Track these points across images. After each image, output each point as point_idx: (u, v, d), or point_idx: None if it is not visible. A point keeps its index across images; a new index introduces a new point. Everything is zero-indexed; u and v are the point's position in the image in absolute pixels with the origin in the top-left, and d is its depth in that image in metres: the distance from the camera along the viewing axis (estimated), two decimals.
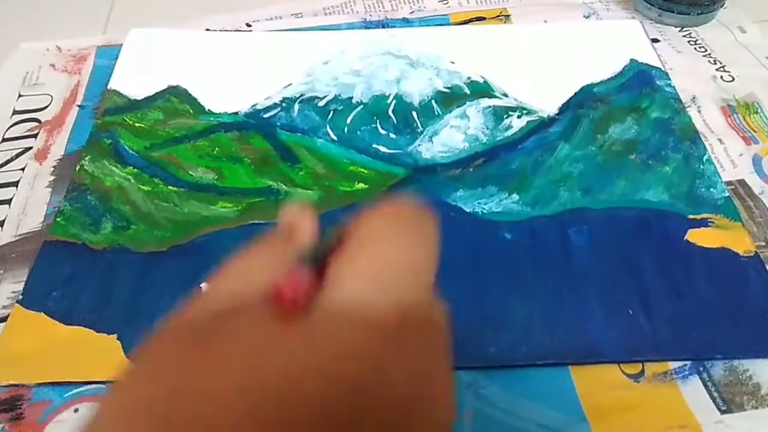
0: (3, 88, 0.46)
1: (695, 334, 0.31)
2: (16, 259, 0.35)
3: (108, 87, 0.45)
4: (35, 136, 0.43)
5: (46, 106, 0.45)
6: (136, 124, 0.43)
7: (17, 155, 0.41)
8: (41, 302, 0.33)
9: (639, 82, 0.45)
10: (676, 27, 0.50)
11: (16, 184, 0.40)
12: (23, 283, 0.34)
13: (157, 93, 0.45)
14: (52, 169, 0.40)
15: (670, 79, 0.45)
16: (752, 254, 0.34)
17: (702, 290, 0.33)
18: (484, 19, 0.52)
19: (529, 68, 0.46)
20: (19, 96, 0.46)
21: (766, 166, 0.39)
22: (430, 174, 0.39)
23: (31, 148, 0.42)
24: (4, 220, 0.38)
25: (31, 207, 0.38)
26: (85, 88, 0.46)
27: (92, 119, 0.43)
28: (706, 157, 0.40)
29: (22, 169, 0.40)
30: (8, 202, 0.39)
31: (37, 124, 0.44)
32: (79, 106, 0.45)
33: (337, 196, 0.38)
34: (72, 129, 0.43)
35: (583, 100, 0.44)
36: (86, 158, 0.40)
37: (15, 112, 0.44)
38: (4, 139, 0.43)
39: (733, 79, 0.46)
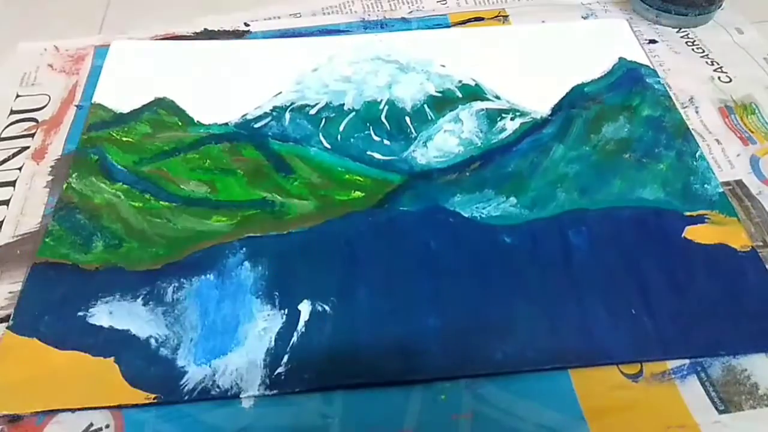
0: (1, 88, 0.46)
1: (699, 331, 0.31)
2: (15, 259, 0.35)
3: (92, 101, 0.44)
4: (32, 135, 0.43)
5: (44, 106, 0.45)
6: (124, 139, 0.41)
7: (14, 154, 0.41)
8: (33, 327, 0.32)
9: (629, 81, 0.45)
10: (673, 28, 0.50)
11: (13, 183, 0.40)
12: (21, 283, 0.34)
13: (143, 105, 0.44)
14: (50, 168, 0.40)
15: (659, 77, 0.45)
16: (749, 249, 0.35)
17: (703, 287, 0.33)
18: (482, 19, 0.52)
19: (519, 69, 0.46)
20: (17, 96, 0.45)
21: (764, 166, 0.40)
22: (427, 180, 0.39)
23: (28, 147, 0.42)
24: (2, 221, 0.37)
25: (29, 207, 0.38)
26: (83, 88, 0.46)
27: None
28: (698, 153, 0.40)
29: (19, 169, 0.40)
30: (6, 203, 0.38)
31: (34, 123, 0.43)
32: (76, 106, 0.44)
33: (334, 205, 0.38)
34: (69, 129, 0.43)
35: (574, 100, 0.44)
36: (73, 176, 0.39)
37: (12, 112, 0.44)
38: (1, 139, 0.42)
39: (731, 80, 0.46)
